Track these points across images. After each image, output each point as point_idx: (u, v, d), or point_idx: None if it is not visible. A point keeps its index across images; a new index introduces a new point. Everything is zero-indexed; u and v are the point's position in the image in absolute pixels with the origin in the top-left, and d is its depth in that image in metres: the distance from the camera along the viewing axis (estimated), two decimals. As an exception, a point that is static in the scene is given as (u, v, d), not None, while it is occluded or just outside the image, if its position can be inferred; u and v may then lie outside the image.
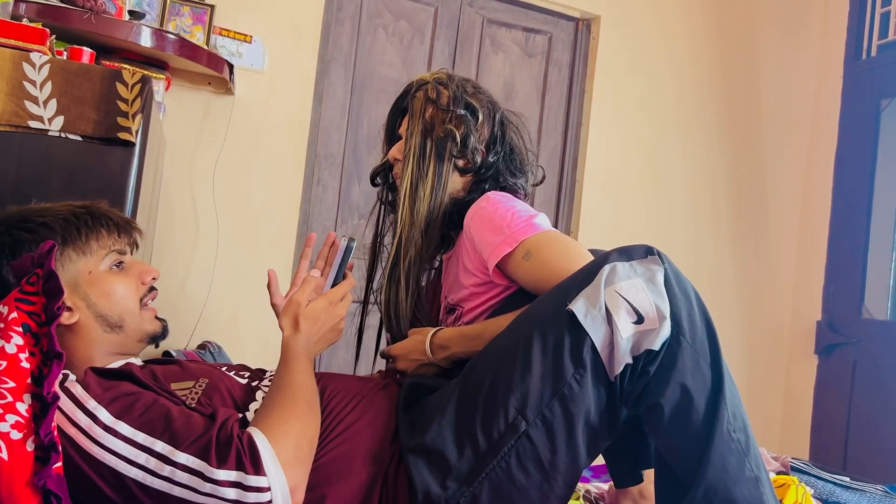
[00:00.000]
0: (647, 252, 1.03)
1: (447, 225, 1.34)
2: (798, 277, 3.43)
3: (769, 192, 3.44)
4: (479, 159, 1.32)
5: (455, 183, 1.33)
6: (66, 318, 1.02)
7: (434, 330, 1.24)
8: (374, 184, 1.45)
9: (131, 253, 1.13)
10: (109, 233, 1.08)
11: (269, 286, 1.21)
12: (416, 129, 1.32)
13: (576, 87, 3.19)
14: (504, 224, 1.20)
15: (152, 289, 1.12)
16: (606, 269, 1.01)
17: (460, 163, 1.32)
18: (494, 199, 1.26)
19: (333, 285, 1.17)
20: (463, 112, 1.31)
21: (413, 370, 1.25)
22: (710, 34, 3.34)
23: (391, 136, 1.42)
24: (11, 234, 1.03)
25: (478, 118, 1.32)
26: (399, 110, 1.40)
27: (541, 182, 1.48)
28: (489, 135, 1.35)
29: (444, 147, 1.30)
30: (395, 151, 1.36)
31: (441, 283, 1.44)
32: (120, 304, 1.06)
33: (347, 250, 1.19)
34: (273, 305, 1.20)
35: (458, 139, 1.30)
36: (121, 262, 1.09)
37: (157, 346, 1.14)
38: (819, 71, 3.46)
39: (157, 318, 1.12)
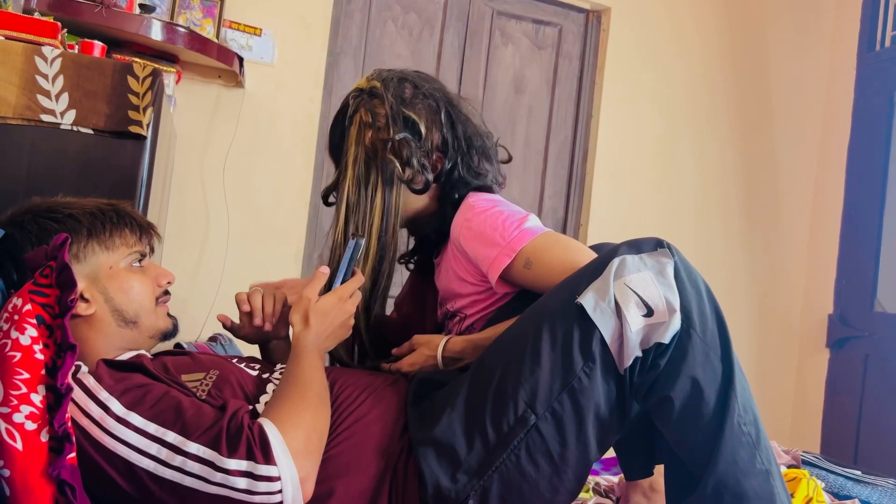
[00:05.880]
0: (656, 245, 1.03)
1: (427, 239, 1.32)
2: (810, 270, 3.40)
3: (780, 184, 3.42)
4: (430, 176, 1.27)
5: (415, 201, 1.29)
6: (82, 308, 1.03)
7: (443, 341, 1.22)
8: (326, 203, 1.36)
9: (149, 256, 1.14)
10: (132, 232, 1.10)
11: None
12: (360, 156, 1.25)
13: (586, 79, 3.17)
14: (497, 234, 1.18)
15: (166, 292, 1.14)
16: (616, 262, 1.01)
17: (414, 184, 1.27)
18: (479, 207, 1.23)
19: (342, 282, 1.17)
20: (402, 135, 1.23)
21: None
22: (721, 25, 3.31)
23: (337, 154, 1.31)
24: (38, 222, 1.05)
25: (420, 133, 1.25)
26: (342, 125, 1.30)
27: (507, 160, 1.39)
28: (440, 139, 1.27)
29: (390, 174, 1.25)
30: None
31: (425, 288, 1.42)
32: (136, 300, 1.08)
33: (356, 248, 1.18)
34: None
35: (401, 166, 1.24)
36: (140, 262, 1.11)
37: (165, 341, 1.15)
38: (832, 62, 3.42)
39: (168, 315, 1.14)
